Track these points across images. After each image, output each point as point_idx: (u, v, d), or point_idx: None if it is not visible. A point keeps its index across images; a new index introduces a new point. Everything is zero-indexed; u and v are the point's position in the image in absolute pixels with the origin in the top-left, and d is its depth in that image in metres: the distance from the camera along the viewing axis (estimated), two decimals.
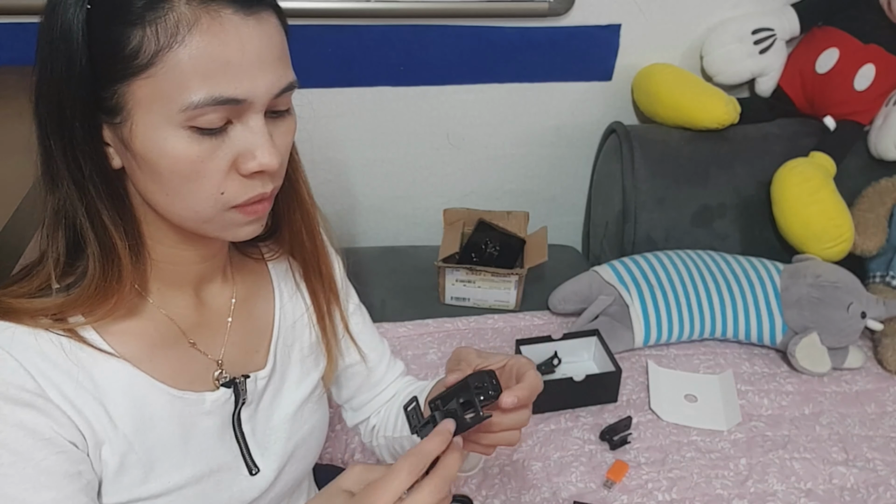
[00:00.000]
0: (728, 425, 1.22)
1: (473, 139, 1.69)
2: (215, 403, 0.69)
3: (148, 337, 0.66)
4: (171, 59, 0.53)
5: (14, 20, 1.40)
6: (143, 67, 0.54)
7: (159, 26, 0.53)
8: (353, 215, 1.77)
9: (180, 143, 0.56)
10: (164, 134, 0.56)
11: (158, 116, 0.55)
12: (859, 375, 1.34)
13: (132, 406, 0.63)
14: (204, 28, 0.53)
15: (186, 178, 0.57)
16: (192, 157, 0.56)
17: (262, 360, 0.75)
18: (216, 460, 0.69)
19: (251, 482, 0.72)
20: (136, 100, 0.55)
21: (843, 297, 1.34)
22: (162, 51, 0.53)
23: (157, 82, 0.54)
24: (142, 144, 0.56)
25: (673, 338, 1.39)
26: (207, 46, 0.54)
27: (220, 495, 0.70)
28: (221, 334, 0.72)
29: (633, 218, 1.55)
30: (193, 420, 0.67)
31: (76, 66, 0.55)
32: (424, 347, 1.39)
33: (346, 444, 1.19)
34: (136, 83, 0.54)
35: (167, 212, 0.61)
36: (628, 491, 1.11)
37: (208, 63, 0.54)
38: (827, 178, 1.48)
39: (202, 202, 0.59)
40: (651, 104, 1.61)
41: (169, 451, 0.65)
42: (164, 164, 0.57)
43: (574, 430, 1.21)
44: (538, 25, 1.54)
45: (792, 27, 1.57)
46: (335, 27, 1.48)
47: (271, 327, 0.77)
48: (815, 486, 1.12)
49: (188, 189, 0.58)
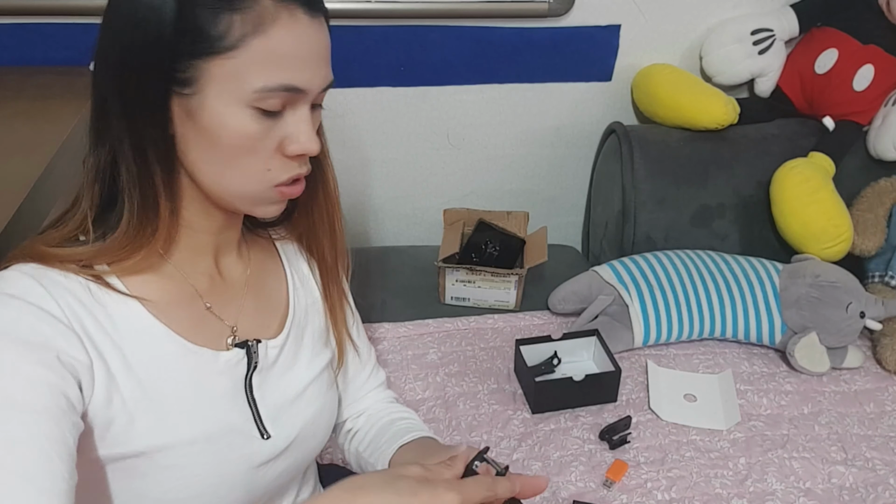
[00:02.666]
0: (727, 425, 1.23)
1: (473, 139, 1.69)
2: (228, 364, 0.72)
3: (167, 293, 0.69)
4: (253, 46, 0.60)
5: (14, 20, 1.40)
6: (226, 49, 0.60)
7: (246, 15, 0.60)
8: (353, 215, 1.77)
9: (244, 120, 0.62)
10: (231, 110, 0.62)
11: (229, 94, 0.61)
12: (858, 375, 1.35)
13: (148, 352, 0.66)
14: (283, 23, 0.61)
15: (241, 151, 0.64)
16: (250, 134, 0.63)
17: (275, 332, 0.79)
18: (228, 421, 0.72)
19: (262, 445, 0.74)
20: (210, 76, 0.60)
21: (842, 297, 1.35)
22: (246, 37, 0.60)
23: (235, 64, 0.60)
24: (209, 117, 0.62)
25: (672, 338, 1.39)
26: (284, 39, 0.61)
27: (231, 455, 0.72)
28: (237, 302, 0.76)
29: (633, 218, 1.56)
30: (206, 378, 0.70)
31: (162, 37, 0.59)
32: (424, 347, 1.39)
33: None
34: (215, 61, 0.60)
35: (212, 182, 0.66)
36: (628, 490, 1.11)
37: (283, 53, 0.61)
38: (826, 178, 1.48)
39: (251, 176, 0.66)
40: (651, 104, 1.61)
41: (181, 403, 0.68)
42: (224, 137, 0.63)
43: (574, 430, 1.21)
44: (538, 26, 1.54)
45: (791, 28, 1.58)
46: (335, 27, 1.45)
47: (286, 304, 0.81)
48: (813, 486, 1.12)
49: (241, 162, 0.65)
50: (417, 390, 1.28)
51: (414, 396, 1.27)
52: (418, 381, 1.30)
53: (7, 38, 1.41)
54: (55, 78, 1.39)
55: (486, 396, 1.27)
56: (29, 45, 1.43)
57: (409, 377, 1.30)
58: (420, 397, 1.27)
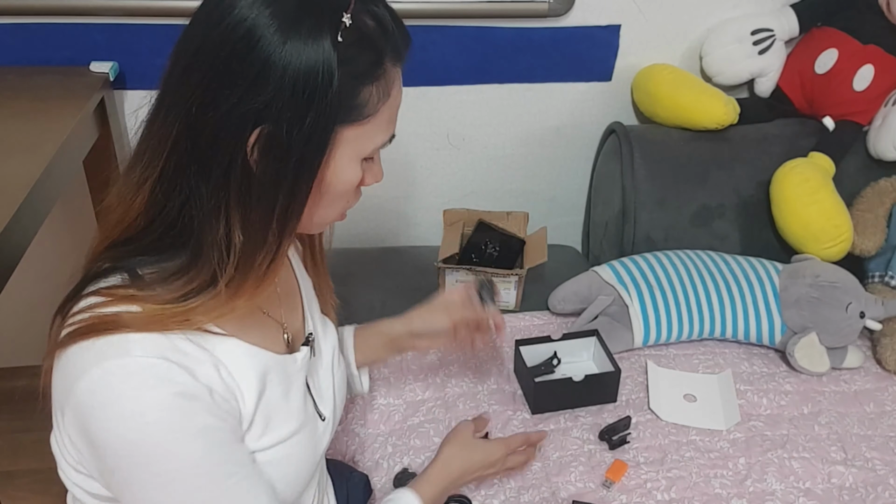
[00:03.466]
0: (727, 425, 1.23)
1: (473, 139, 1.69)
2: (303, 361, 0.79)
3: (238, 313, 0.69)
4: (383, 111, 0.65)
5: (14, 20, 1.40)
6: (364, 117, 0.63)
7: (380, 83, 0.63)
8: (353, 215, 1.76)
9: (357, 171, 0.67)
10: (352, 166, 0.66)
11: (355, 153, 0.66)
12: (858, 375, 1.35)
13: (254, 375, 0.70)
14: (397, 83, 0.66)
15: (346, 195, 0.69)
16: (356, 182, 0.68)
17: (303, 319, 0.85)
18: (304, 413, 0.78)
19: (324, 428, 0.83)
20: (344, 140, 0.64)
21: (842, 297, 1.35)
22: (379, 103, 0.64)
23: (367, 129, 0.64)
24: (331, 174, 0.65)
25: (672, 338, 1.39)
26: (398, 97, 0.67)
27: (311, 443, 0.79)
28: (276, 298, 0.80)
29: (633, 218, 1.56)
30: (291, 378, 0.77)
31: (323, 104, 0.59)
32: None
33: (346, 444, 1.19)
34: (352, 128, 0.63)
35: (306, 219, 0.67)
36: (627, 490, 1.11)
37: (395, 110, 0.68)
38: (826, 178, 1.48)
39: (338, 210, 0.72)
40: (651, 104, 1.61)
41: (278, 409, 0.73)
42: (339, 187, 0.67)
43: (573, 430, 1.21)
44: (538, 26, 1.54)
45: (791, 28, 1.58)
46: None
47: (298, 291, 0.87)
48: (813, 486, 1.12)
49: (339, 203, 0.70)
50: (417, 391, 1.28)
51: (414, 397, 1.27)
52: (418, 381, 1.30)
53: (7, 38, 1.41)
54: (55, 78, 1.40)
55: (486, 397, 1.27)
56: (29, 45, 1.43)
57: (409, 378, 1.30)
58: (420, 398, 1.27)
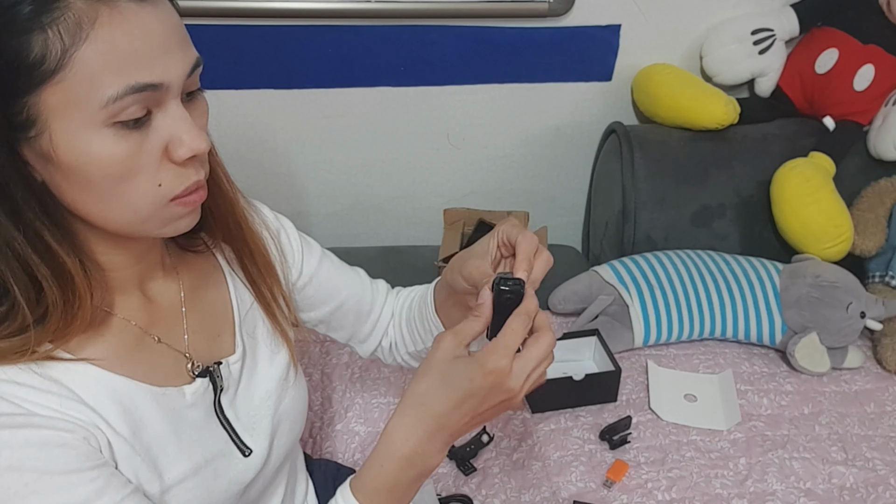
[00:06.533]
0: (727, 425, 1.23)
1: (473, 139, 1.69)
2: (195, 395, 0.70)
3: (113, 342, 0.65)
4: (80, 59, 0.52)
5: None
6: (51, 73, 0.52)
7: (60, 27, 0.51)
8: (353, 215, 1.77)
9: (106, 142, 0.54)
10: (88, 138, 0.54)
11: (78, 121, 0.53)
12: (858, 375, 1.35)
13: (122, 410, 0.62)
14: (106, 21, 0.52)
15: (120, 178, 0.56)
16: (122, 156, 0.55)
17: (229, 346, 0.76)
18: (209, 449, 0.70)
19: (246, 464, 0.73)
20: (49, 108, 0.53)
21: (843, 297, 1.35)
22: (69, 51, 0.51)
23: (69, 85, 0.52)
24: (66, 153, 0.54)
25: (673, 337, 1.39)
26: (114, 38, 0.52)
27: (219, 482, 0.70)
28: (180, 325, 0.72)
29: (633, 218, 1.56)
30: (180, 414, 0.68)
31: None
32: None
33: (346, 443, 1.19)
34: (46, 91, 0.52)
35: (102, 219, 0.59)
36: (628, 490, 1.11)
37: (118, 54, 0.53)
38: (826, 178, 1.48)
39: (141, 199, 0.58)
40: (651, 104, 1.61)
41: (165, 448, 0.66)
42: (94, 169, 0.55)
43: (574, 430, 1.21)
44: (538, 26, 1.54)
45: (791, 27, 1.58)
46: (335, 27, 1.48)
47: (230, 312, 0.77)
48: (814, 486, 1.12)
49: (124, 189, 0.57)
50: None
51: None
52: None
53: None
54: None
55: None
56: None
57: (410, 377, 1.30)
58: None
